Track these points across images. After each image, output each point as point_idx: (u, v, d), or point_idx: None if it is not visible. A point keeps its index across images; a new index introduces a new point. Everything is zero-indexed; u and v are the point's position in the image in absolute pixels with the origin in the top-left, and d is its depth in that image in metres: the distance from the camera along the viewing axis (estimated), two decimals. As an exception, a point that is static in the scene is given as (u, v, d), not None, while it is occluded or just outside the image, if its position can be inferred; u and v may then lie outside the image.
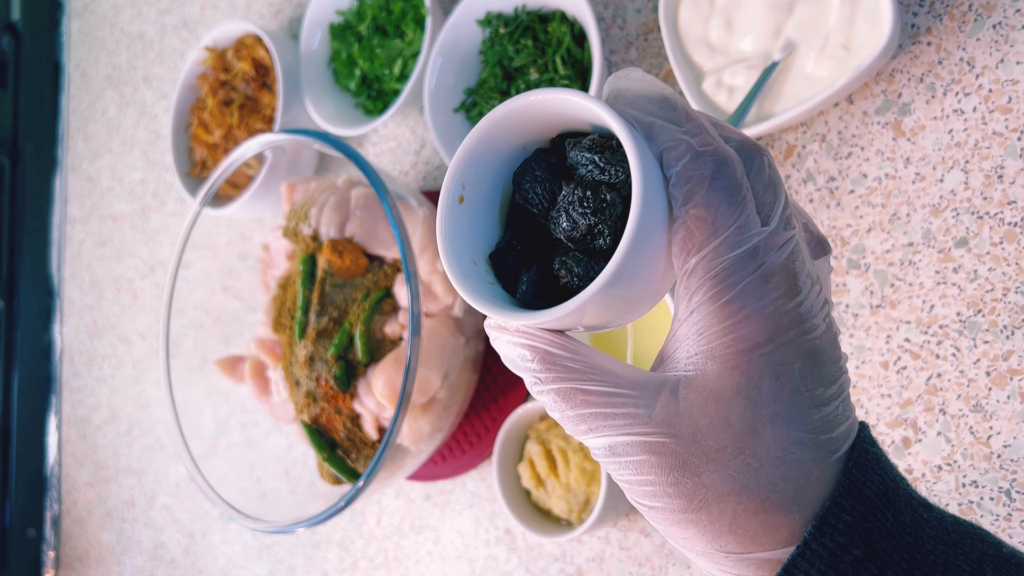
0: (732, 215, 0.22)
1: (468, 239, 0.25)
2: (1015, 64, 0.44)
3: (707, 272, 0.22)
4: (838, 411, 0.23)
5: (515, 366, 0.24)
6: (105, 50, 1.09)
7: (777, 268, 0.22)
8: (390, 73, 0.70)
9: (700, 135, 0.22)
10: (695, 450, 0.22)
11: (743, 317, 0.22)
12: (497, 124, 0.25)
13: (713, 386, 0.22)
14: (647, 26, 0.58)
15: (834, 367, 0.23)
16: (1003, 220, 0.44)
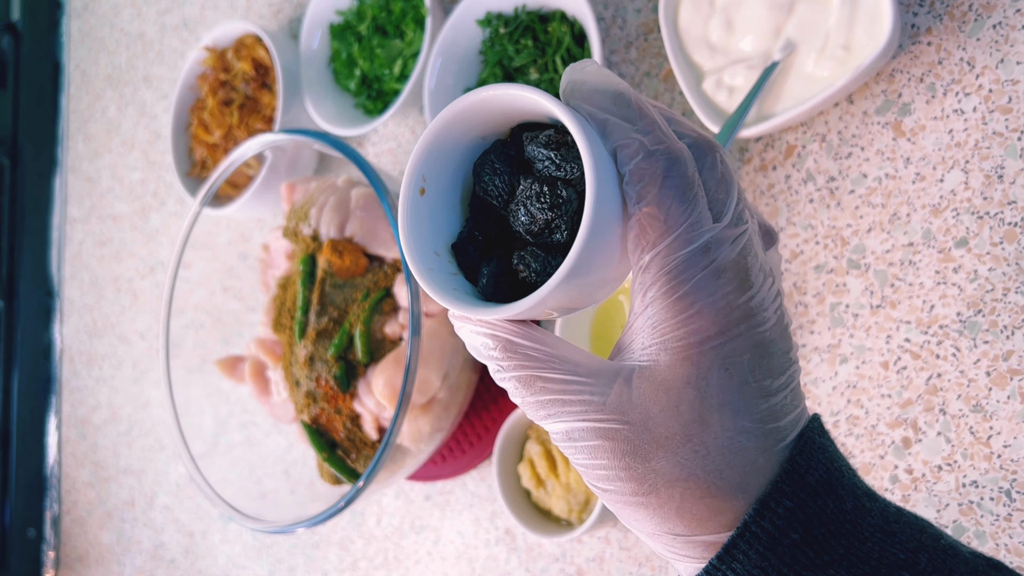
0: (684, 212, 0.22)
1: (430, 230, 0.26)
2: (1015, 64, 0.44)
3: (660, 268, 0.22)
4: (786, 400, 0.23)
5: (478, 354, 0.25)
6: (105, 50, 1.09)
7: (729, 263, 0.23)
8: (390, 73, 0.70)
9: (653, 133, 0.23)
10: (646, 437, 0.23)
11: (695, 312, 0.22)
12: (456, 118, 0.25)
13: (665, 376, 0.23)
14: (647, 26, 0.58)
15: (783, 358, 0.24)
16: (1003, 220, 0.44)
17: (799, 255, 0.50)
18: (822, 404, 0.49)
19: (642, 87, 0.58)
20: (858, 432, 0.47)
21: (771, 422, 0.23)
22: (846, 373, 0.48)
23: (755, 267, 0.23)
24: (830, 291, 0.49)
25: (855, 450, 0.47)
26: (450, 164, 0.26)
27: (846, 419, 0.48)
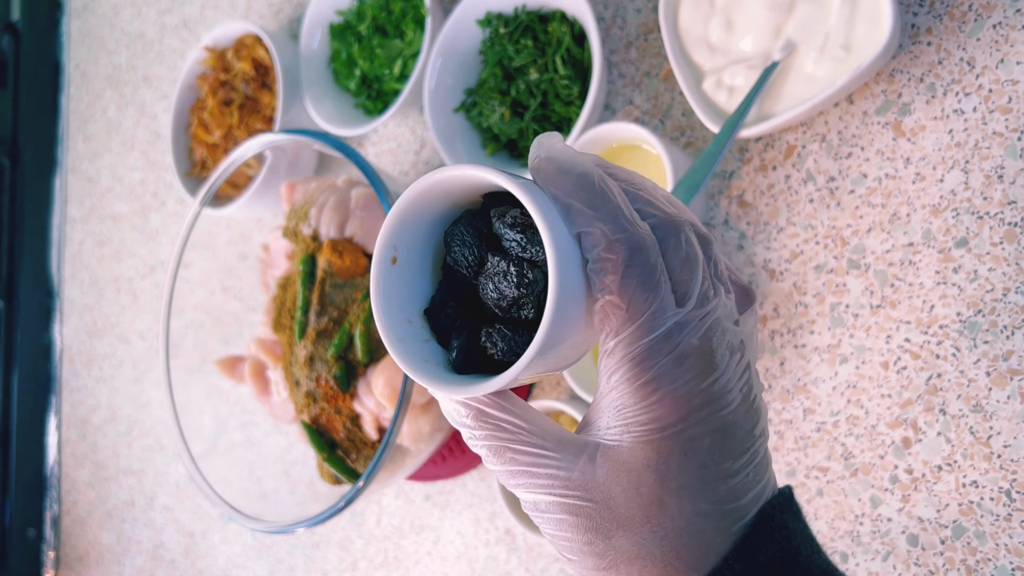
0: (646, 301, 0.23)
1: (403, 297, 0.27)
2: (1015, 64, 0.44)
3: (624, 355, 0.23)
4: (748, 479, 0.24)
5: (452, 420, 0.26)
6: (105, 50, 1.09)
7: (692, 349, 0.23)
8: (390, 73, 0.70)
9: (615, 221, 0.23)
10: (608, 515, 0.23)
11: (657, 399, 0.23)
12: (424, 192, 0.26)
13: (626, 458, 0.23)
14: (647, 26, 0.58)
15: (747, 437, 0.24)
16: (1003, 220, 0.44)
17: (799, 255, 0.50)
18: (822, 404, 0.49)
19: (642, 87, 0.58)
20: (858, 432, 0.47)
21: (730, 503, 0.24)
22: (846, 373, 0.48)
23: (721, 347, 0.24)
24: (830, 291, 0.49)
25: (855, 450, 0.47)
26: (422, 232, 0.27)
27: (846, 419, 0.48)
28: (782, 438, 0.50)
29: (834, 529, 0.48)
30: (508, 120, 0.60)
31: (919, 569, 0.45)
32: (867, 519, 0.47)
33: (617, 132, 0.53)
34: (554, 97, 0.59)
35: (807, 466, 0.49)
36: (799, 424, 0.49)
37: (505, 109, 0.60)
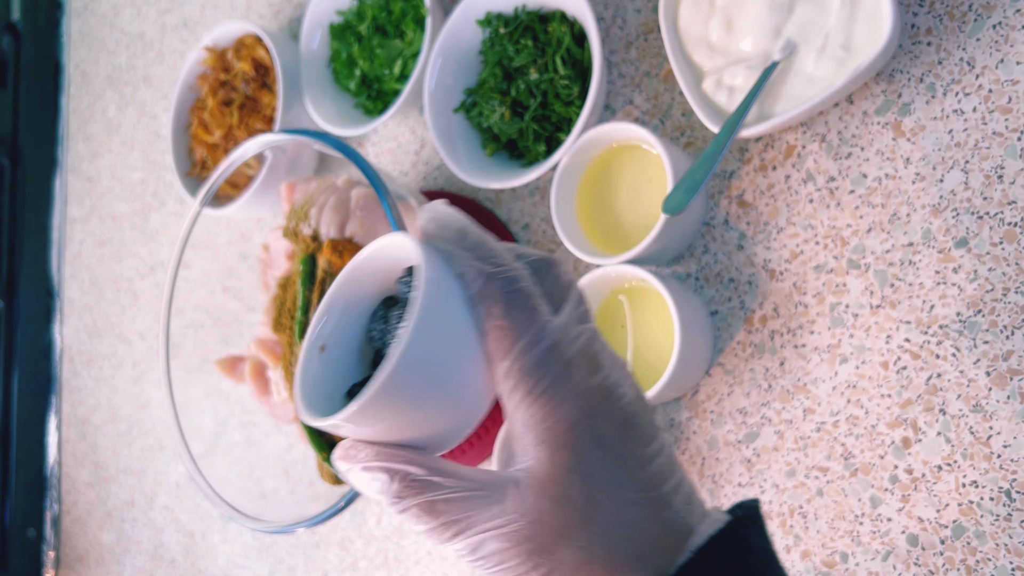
0: (529, 319, 0.25)
1: (331, 382, 0.28)
2: (1015, 64, 0.44)
3: (519, 371, 0.25)
4: (663, 468, 0.25)
5: (372, 492, 0.26)
6: (105, 50, 1.09)
7: (577, 353, 0.25)
8: (390, 73, 0.70)
9: (491, 259, 0.26)
10: (546, 531, 0.24)
11: (557, 402, 0.24)
12: (347, 280, 0.28)
13: (547, 469, 0.24)
14: (647, 26, 0.58)
15: (650, 427, 0.26)
16: (1003, 220, 0.44)
17: (799, 255, 0.50)
18: (822, 404, 0.49)
19: (642, 87, 0.58)
20: (858, 432, 0.47)
21: (653, 490, 0.25)
22: (846, 373, 0.48)
23: (604, 353, 0.26)
24: (830, 291, 0.49)
25: (855, 450, 0.47)
26: (350, 320, 0.28)
27: (846, 419, 0.48)
28: (782, 438, 0.50)
29: (834, 529, 0.48)
30: (508, 120, 0.60)
31: (919, 569, 0.45)
32: (867, 519, 0.47)
33: (617, 132, 0.53)
34: (554, 97, 0.59)
35: (807, 466, 0.49)
36: (799, 424, 0.49)
37: (505, 109, 0.60)
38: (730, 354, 0.53)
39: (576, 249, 0.54)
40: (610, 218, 0.56)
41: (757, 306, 0.52)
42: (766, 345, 0.51)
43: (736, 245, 0.53)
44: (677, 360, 0.48)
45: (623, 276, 0.52)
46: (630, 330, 0.55)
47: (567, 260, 0.61)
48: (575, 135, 0.55)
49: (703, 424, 0.53)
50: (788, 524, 0.49)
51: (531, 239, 0.63)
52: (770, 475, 0.50)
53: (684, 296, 0.51)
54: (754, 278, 0.52)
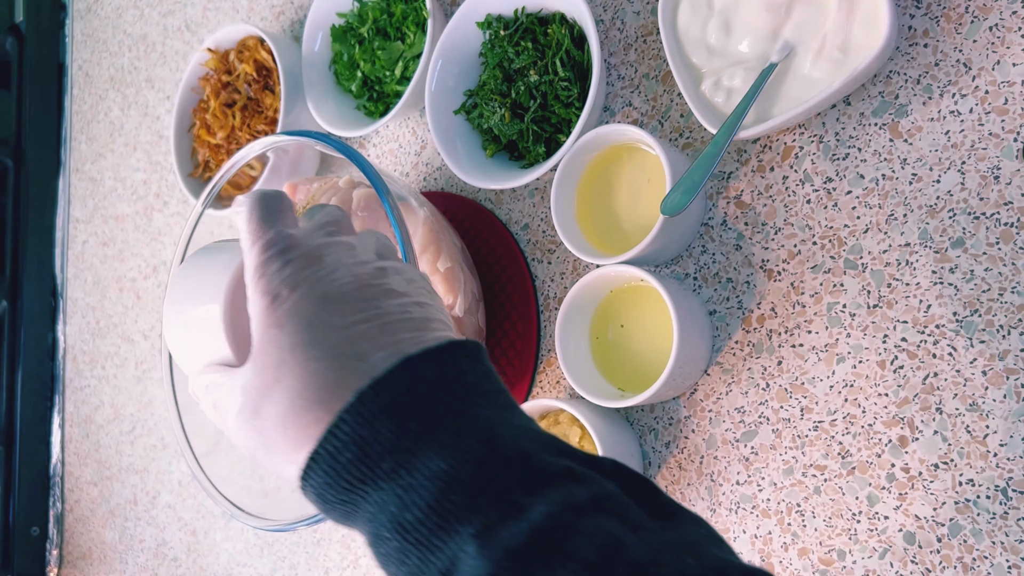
0: (265, 231, 0.31)
1: None
2: (1011, 66, 0.44)
3: (251, 266, 0.31)
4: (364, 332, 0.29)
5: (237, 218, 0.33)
6: (108, 52, 1.10)
7: (301, 255, 0.30)
8: (391, 75, 0.70)
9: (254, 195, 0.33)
10: (253, 395, 0.29)
11: (272, 290, 0.30)
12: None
13: (258, 343, 0.30)
14: (646, 28, 0.59)
15: (356, 303, 0.29)
16: (999, 220, 0.44)
17: (796, 255, 0.51)
18: (819, 403, 0.49)
19: (641, 89, 0.58)
20: (855, 431, 0.48)
21: (346, 346, 0.28)
22: (843, 372, 0.48)
23: (334, 254, 0.31)
24: (827, 291, 0.49)
25: (852, 449, 0.48)
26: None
27: (843, 418, 0.48)
28: (779, 436, 0.50)
29: (831, 527, 0.48)
30: (508, 122, 0.60)
31: (916, 567, 0.45)
32: (864, 517, 0.47)
33: (616, 133, 0.53)
34: (554, 99, 0.59)
35: (804, 464, 0.49)
36: (796, 423, 0.50)
37: (505, 111, 0.60)
38: (728, 353, 0.53)
39: (575, 249, 0.54)
40: (609, 219, 0.56)
41: (755, 306, 0.52)
42: (764, 344, 0.51)
43: (734, 245, 0.53)
44: (675, 359, 0.49)
45: (622, 276, 0.53)
46: (629, 330, 0.55)
47: (566, 260, 0.62)
48: (574, 136, 0.55)
49: (701, 423, 0.54)
50: (786, 522, 0.49)
51: (531, 239, 0.64)
52: (768, 473, 0.50)
53: (682, 296, 0.51)
54: (752, 278, 0.52)
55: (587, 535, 0.23)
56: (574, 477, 0.26)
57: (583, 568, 0.23)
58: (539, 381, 0.62)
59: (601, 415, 0.54)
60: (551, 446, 0.27)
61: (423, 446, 0.26)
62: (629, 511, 0.25)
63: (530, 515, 0.24)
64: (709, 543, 0.25)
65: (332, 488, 0.27)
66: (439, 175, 0.71)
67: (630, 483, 0.27)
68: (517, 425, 0.28)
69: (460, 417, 0.27)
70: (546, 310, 0.62)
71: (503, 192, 0.66)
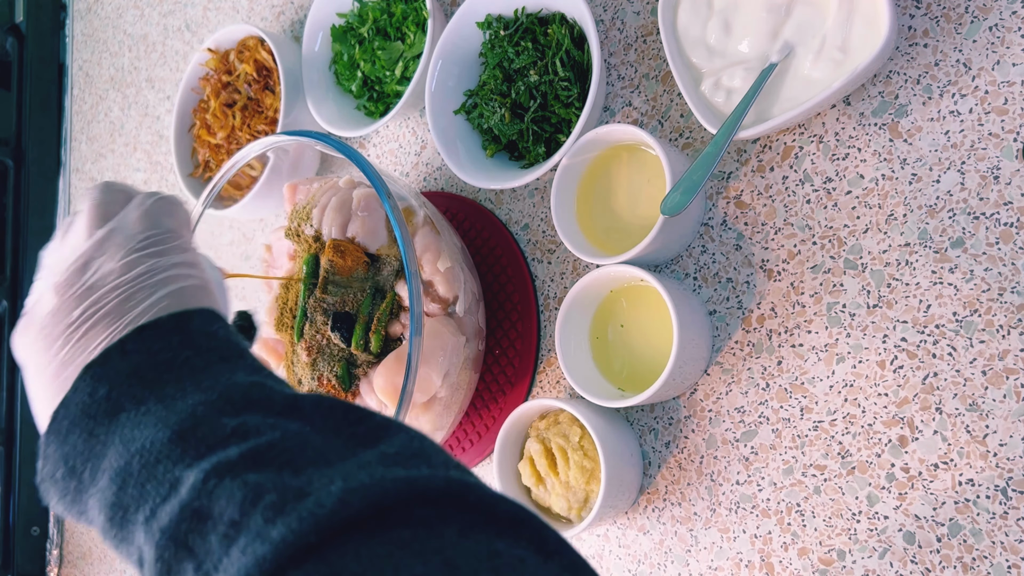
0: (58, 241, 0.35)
1: None
2: (1011, 66, 0.44)
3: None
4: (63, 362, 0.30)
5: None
6: (108, 52, 1.10)
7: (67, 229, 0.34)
8: (391, 75, 0.70)
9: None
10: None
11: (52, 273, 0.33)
12: None
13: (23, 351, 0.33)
14: (646, 28, 0.59)
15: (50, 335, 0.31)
16: (999, 220, 0.44)
17: (796, 255, 0.51)
18: (819, 403, 0.49)
19: (641, 89, 0.58)
20: (855, 431, 0.48)
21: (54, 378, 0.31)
22: (843, 372, 0.48)
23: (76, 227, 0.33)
24: (827, 291, 0.49)
25: (852, 448, 0.48)
26: None
27: (843, 418, 0.48)
28: (779, 436, 0.50)
29: (831, 527, 0.48)
30: (508, 122, 0.60)
31: (915, 566, 0.45)
32: (864, 517, 0.47)
33: (616, 134, 0.53)
34: (554, 99, 0.59)
35: (804, 464, 0.49)
36: (796, 423, 0.50)
37: (505, 111, 0.60)
38: (728, 353, 0.53)
39: (575, 249, 0.54)
40: (609, 218, 0.56)
41: (755, 306, 0.52)
42: (764, 344, 0.51)
43: (734, 245, 0.53)
44: (675, 359, 0.49)
45: (622, 276, 0.53)
46: (629, 330, 0.55)
47: (566, 260, 0.62)
48: (574, 136, 0.55)
49: (701, 423, 0.54)
50: (786, 522, 0.49)
51: (531, 239, 0.64)
52: (768, 473, 0.50)
53: (682, 296, 0.51)
54: (752, 278, 0.52)
55: (228, 495, 0.24)
56: (242, 435, 0.26)
57: (229, 527, 0.23)
58: (539, 381, 0.62)
59: (601, 415, 0.54)
60: (235, 402, 0.27)
61: (109, 447, 0.27)
62: (300, 451, 0.25)
63: (180, 490, 0.25)
64: (379, 462, 0.24)
65: (62, 503, 0.29)
66: (439, 175, 0.71)
67: (333, 415, 0.27)
68: (207, 387, 0.28)
69: (141, 404, 0.28)
70: (546, 310, 0.62)
71: (503, 192, 0.66)
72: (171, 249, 0.33)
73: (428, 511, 0.22)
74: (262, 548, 0.22)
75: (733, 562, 0.51)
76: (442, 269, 0.57)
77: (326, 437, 0.26)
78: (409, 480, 0.23)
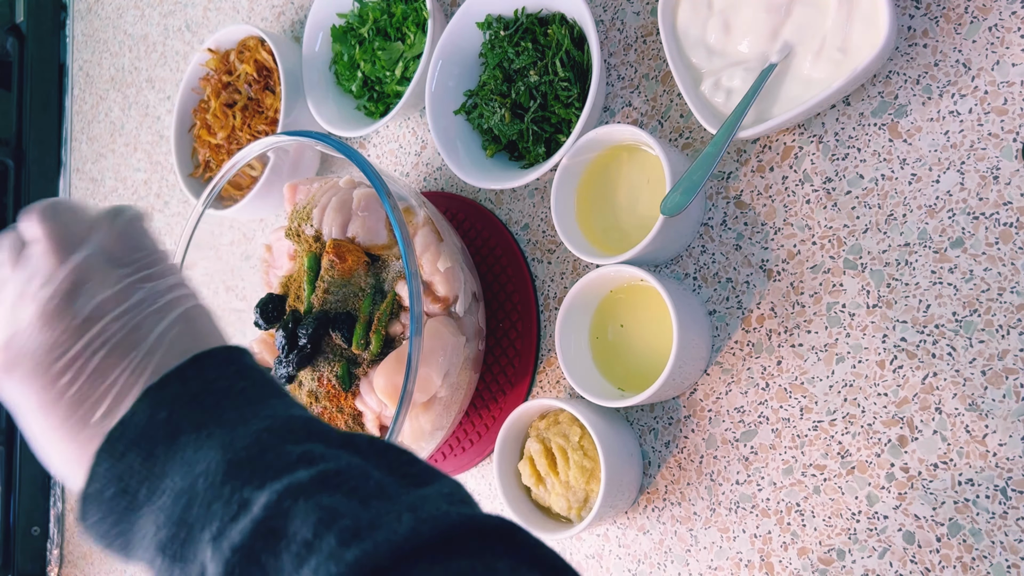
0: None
1: None
2: (1011, 66, 0.44)
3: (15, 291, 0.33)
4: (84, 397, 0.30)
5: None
6: (109, 52, 1.10)
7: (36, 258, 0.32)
8: (391, 75, 0.70)
9: None
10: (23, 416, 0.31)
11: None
12: None
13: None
14: (646, 28, 0.59)
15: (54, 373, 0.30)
16: (999, 220, 0.44)
17: (796, 255, 0.51)
18: (819, 403, 0.49)
19: (641, 89, 0.59)
20: (854, 431, 0.48)
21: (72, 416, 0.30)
22: (842, 372, 0.48)
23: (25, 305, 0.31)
24: (827, 291, 0.50)
25: (852, 448, 0.48)
26: None
27: (843, 417, 0.48)
28: (779, 436, 0.50)
29: (831, 526, 0.48)
30: (508, 122, 0.60)
31: (915, 566, 0.45)
32: (863, 516, 0.47)
33: (616, 134, 0.53)
34: (554, 99, 0.59)
35: (804, 464, 0.49)
36: (796, 422, 0.50)
37: (505, 111, 0.60)
38: (728, 353, 0.53)
39: (575, 249, 0.54)
40: (609, 219, 0.56)
41: (755, 306, 0.52)
42: (763, 344, 0.52)
43: (734, 245, 0.53)
44: (675, 359, 0.49)
45: (622, 276, 0.53)
46: (629, 330, 0.55)
47: (566, 260, 0.62)
48: (574, 136, 0.55)
49: (701, 422, 0.54)
50: (785, 521, 0.50)
51: (531, 239, 0.64)
52: (767, 473, 0.50)
53: (682, 296, 0.51)
54: (752, 278, 0.52)
55: (303, 515, 0.25)
56: (308, 460, 0.27)
57: (302, 547, 0.24)
58: (539, 381, 0.62)
59: (601, 415, 0.54)
60: (297, 432, 0.28)
61: (170, 467, 0.28)
62: (364, 481, 0.26)
63: (252, 509, 0.25)
64: (440, 500, 0.26)
65: (105, 522, 0.29)
66: (439, 175, 0.71)
67: (386, 455, 0.29)
68: (266, 416, 0.29)
69: (202, 428, 0.28)
70: (546, 310, 0.62)
71: (503, 192, 0.66)
72: (162, 271, 0.33)
73: (483, 546, 0.24)
74: (335, 569, 0.23)
75: (733, 562, 0.51)
76: (442, 269, 0.57)
77: (382, 474, 0.28)
78: (470, 516, 0.25)
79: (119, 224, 0.33)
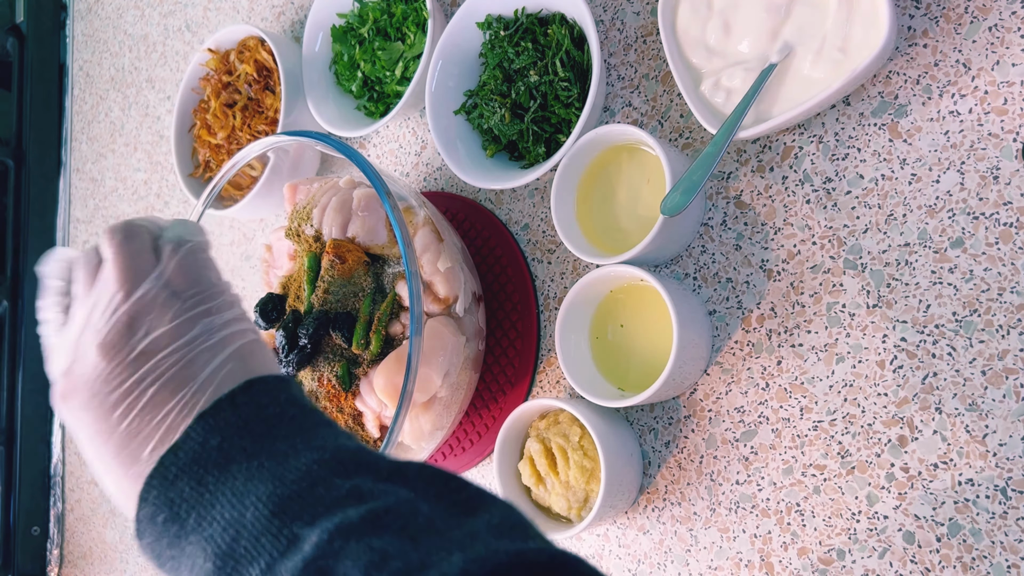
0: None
1: None
2: (1011, 66, 0.44)
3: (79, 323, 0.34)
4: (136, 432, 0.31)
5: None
6: (109, 52, 1.10)
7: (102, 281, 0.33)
8: (392, 75, 0.70)
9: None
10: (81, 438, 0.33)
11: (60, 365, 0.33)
12: None
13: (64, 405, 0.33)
14: (646, 28, 0.59)
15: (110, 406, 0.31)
16: (999, 220, 0.44)
17: (796, 255, 0.51)
18: (819, 403, 0.49)
19: (641, 89, 0.59)
20: (854, 430, 0.48)
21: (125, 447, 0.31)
22: (842, 372, 0.48)
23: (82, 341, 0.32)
24: (827, 291, 0.50)
25: (852, 448, 0.48)
26: None
27: (843, 417, 0.48)
28: (779, 436, 0.50)
29: (831, 526, 0.48)
30: (508, 122, 0.60)
31: (915, 566, 0.45)
32: (863, 516, 0.47)
33: (616, 134, 0.53)
34: (554, 99, 0.59)
35: (804, 464, 0.49)
36: (796, 422, 0.50)
37: (505, 111, 0.60)
38: (728, 353, 0.53)
39: (575, 249, 0.54)
40: (609, 219, 0.56)
41: (755, 306, 0.52)
42: (763, 344, 0.52)
43: (734, 245, 0.53)
44: (675, 359, 0.49)
45: (622, 276, 0.53)
46: (629, 330, 0.55)
47: (566, 260, 0.62)
48: (574, 136, 0.55)
49: (701, 422, 0.54)
50: (785, 521, 0.50)
51: (531, 239, 0.64)
52: (767, 473, 0.50)
53: (682, 296, 0.51)
54: (752, 278, 0.52)
55: (354, 557, 0.25)
56: (358, 497, 0.27)
57: None
58: (539, 381, 0.62)
59: (601, 415, 0.54)
60: (346, 464, 0.29)
61: (221, 496, 0.28)
62: (413, 519, 0.27)
63: (303, 547, 0.25)
64: (491, 533, 0.26)
65: (158, 545, 0.29)
66: (439, 175, 0.71)
67: (435, 483, 0.29)
68: (316, 447, 0.29)
69: (253, 458, 0.29)
70: (546, 310, 0.62)
71: (503, 192, 0.66)
72: (220, 306, 0.33)
73: None
74: None
75: (733, 562, 0.51)
76: (442, 269, 0.57)
77: (432, 505, 0.28)
78: (520, 552, 0.25)
79: (181, 255, 0.34)
